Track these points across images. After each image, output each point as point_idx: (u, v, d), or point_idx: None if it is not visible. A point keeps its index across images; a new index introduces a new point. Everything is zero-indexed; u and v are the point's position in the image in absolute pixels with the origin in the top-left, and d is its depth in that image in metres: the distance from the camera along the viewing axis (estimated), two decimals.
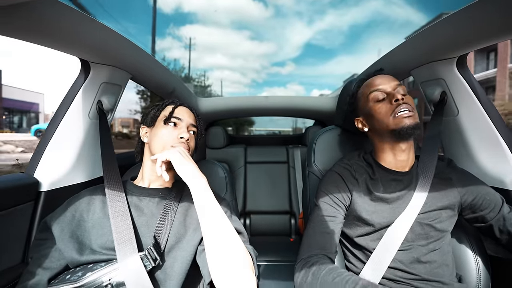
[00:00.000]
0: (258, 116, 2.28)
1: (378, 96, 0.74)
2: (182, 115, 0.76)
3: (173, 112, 0.75)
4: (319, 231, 0.71)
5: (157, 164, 0.66)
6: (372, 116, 0.75)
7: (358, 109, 0.82)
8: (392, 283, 0.69)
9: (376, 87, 0.75)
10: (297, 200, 2.00)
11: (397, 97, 0.70)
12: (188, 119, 0.77)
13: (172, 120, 0.74)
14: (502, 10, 0.58)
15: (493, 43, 0.72)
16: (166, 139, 0.72)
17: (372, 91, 0.76)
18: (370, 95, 0.76)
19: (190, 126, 0.77)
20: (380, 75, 0.79)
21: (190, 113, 0.79)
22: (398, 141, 0.72)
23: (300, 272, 0.65)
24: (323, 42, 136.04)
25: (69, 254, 0.60)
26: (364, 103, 0.78)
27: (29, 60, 15.13)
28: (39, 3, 0.52)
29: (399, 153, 0.75)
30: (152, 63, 1.05)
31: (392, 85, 0.74)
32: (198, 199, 0.62)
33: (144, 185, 0.74)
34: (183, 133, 0.73)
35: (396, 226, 0.69)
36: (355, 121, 0.83)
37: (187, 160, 0.66)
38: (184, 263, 0.64)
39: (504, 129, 0.84)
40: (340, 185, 0.77)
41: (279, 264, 1.45)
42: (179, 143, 0.72)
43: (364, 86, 0.80)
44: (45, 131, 0.87)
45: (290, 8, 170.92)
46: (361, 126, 0.81)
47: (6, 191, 0.70)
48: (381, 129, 0.73)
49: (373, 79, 0.78)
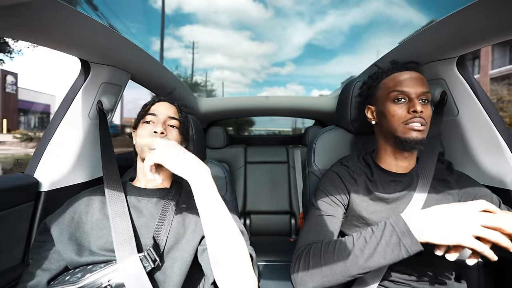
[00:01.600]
0: (258, 116, 2.28)
1: (399, 98, 0.70)
2: (157, 110, 0.73)
3: (148, 110, 0.73)
4: (315, 230, 0.70)
5: (146, 170, 0.60)
6: (385, 114, 0.72)
7: (374, 98, 0.77)
8: (392, 284, 0.69)
9: (401, 88, 0.69)
10: (297, 200, 2.00)
11: (415, 109, 0.66)
12: (166, 112, 0.73)
13: (147, 118, 0.72)
14: (502, 10, 0.58)
15: (493, 43, 0.72)
16: (142, 138, 0.70)
17: (395, 90, 0.70)
18: (392, 93, 0.70)
19: (168, 119, 0.73)
20: (411, 72, 0.71)
21: (169, 106, 0.76)
22: (400, 149, 0.72)
23: (297, 262, 0.63)
24: (324, 43, 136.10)
25: (68, 256, 0.60)
26: (383, 97, 0.73)
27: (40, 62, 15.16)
28: (39, 3, 0.52)
29: (400, 158, 0.75)
30: (152, 63, 1.05)
31: (418, 92, 0.68)
32: (199, 192, 0.57)
33: (141, 186, 0.74)
34: (156, 127, 0.69)
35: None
36: (366, 108, 0.80)
37: (177, 153, 0.59)
38: (183, 263, 0.63)
39: (504, 129, 0.84)
40: (338, 184, 0.76)
41: (279, 264, 1.44)
42: (152, 138, 0.68)
43: (390, 80, 0.73)
44: (45, 131, 0.87)
45: (291, 9, 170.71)
46: (370, 116, 0.78)
47: (6, 191, 0.70)
48: (388, 130, 0.72)
49: (402, 76, 0.71)
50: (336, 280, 0.58)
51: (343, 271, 0.57)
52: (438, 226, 0.53)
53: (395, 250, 0.54)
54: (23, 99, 13.78)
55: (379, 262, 0.55)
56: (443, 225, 0.52)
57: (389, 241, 0.55)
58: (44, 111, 14.74)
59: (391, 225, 0.56)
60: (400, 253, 0.54)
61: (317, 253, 0.61)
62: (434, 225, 0.53)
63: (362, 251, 0.57)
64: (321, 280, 0.59)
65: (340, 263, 0.57)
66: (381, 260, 0.55)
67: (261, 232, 1.96)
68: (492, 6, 0.58)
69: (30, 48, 5.54)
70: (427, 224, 0.53)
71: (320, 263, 0.59)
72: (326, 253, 0.60)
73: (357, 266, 0.56)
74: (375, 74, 0.78)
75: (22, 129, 12.26)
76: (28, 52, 6.28)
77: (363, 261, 0.56)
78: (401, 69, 0.72)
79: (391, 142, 0.74)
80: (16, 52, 6.15)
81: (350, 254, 0.57)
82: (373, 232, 0.58)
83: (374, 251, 0.55)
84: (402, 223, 0.55)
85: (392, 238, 0.55)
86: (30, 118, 13.89)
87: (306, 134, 2.18)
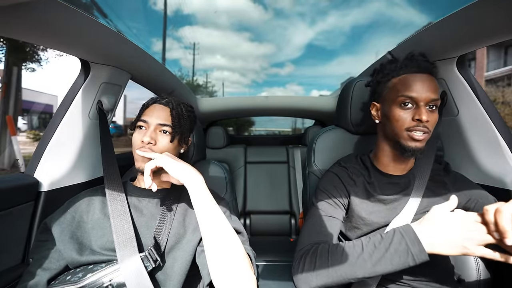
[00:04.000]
0: (258, 116, 2.28)
1: (406, 103, 0.67)
2: (149, 116, 0.70)
3: (141, 115, 0.71)
4: (316, 230, 0.70)
5: (145, 174, 0.62)
6: (389, 117, 0.70)
7: (382, 96, 0.74)
8: (392, 284, 0.69)
9: (410, 94, 0.66)
10: (297, 200, 2.00)
11: (421, 118, 0.64)
12: (156, 119, 0.69)
13: (138, 124, 0.70)
14: (501, 10, 0.58)
15: (494, 43, 0.72)
16: (134, 145, 0.69)
17: (404, 95, 0.67)
18: (400, 98, 0.67)
19: (158, 126, 0.69)
20: (423, 75, 0.67)
21: (162, 110, 0.71)
22: (399, 152, 0.71)
23: (301, 261, 0.64)
24: (325, 43, 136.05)
25: (69, 255, 0.60)
26: (390, 98, 0.70)
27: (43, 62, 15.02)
28: (39, 3, 0.52)
29: (398, 160, 0.75)
30: (152, 63, 1.05)
31: (427, 99, 0.65)
32: (196, 198, 0.61)
33: (142, 187, 0.74)
34: (145, 136, 0.67)
35: (393, 226, 0.69)
36: (372, 104, 0.78)
37: (177, 160, 0.64)
38: (184, 263, 0.64)
39: (504, 129, 0.84)
40: (338, 185, 0.76)
41: (279, 264, 1.44)
42: (140, 148, 0.67)
43: (400, 81, 0.69)
44: (45, 131, 0.87)
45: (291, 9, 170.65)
46: (374, 113, 0.77)
47: (6, 191, 0.70)
48: (391, 133, 0.71)
49: (413, 81, 0.67)
50: (341, 281, 0.59)
51: (350, 273, 0.58)
52: (447, 239, 0.54)
53: (402, 257, 0.55)
54: (25, 99, 13.83)
55: (386, 268, 0.56)
56: (452, 238, 0.53)
57: (398, 248, 0.56)
58: (46, 111, 14.75)
59: (400, 233, 0.57)
60: (407, 261, 0.55)
61: (324, 254, 0.62)
62: (443, 238, 0.54)
63: (370, 256, 0.58)
64: (326, 280, 0.60)
65: (348, 266, 0.58)
66: (388, 266, 0.56)
67: (261, 232, 1.96)
68: (492, 6, 0.58)
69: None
70: (436, 237, 0.55)
71: (327, 264, 0.60)
72: (334, 254, 0.61)
73: (365, 270, 0.57)
74: (385, 69, 0.73)
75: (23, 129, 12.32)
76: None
77: (370, 266, 0.57)
78: (414, 70, 0.68)
79: (391, 144, 0.74)
80: None
81: (359, 258, 0.58)
82: (382, 238, 0.59)
83: (382, 256, 0.57)
84: (412, 232, 0.56)
85: (401, 245, 0.56)
86: (32, 118, 13.93)
87: (306, 134, 2.18)
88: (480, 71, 13.19)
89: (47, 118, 14.05)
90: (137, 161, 0.69)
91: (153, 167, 0.62)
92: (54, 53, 6.17)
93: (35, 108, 14.00)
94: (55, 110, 1.25)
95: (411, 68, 0.68)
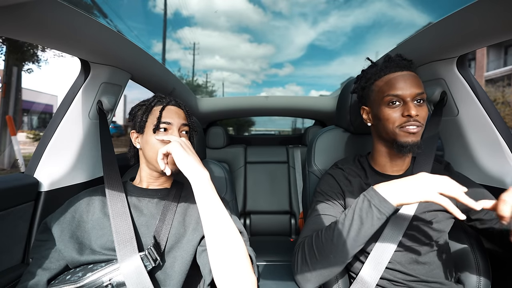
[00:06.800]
0: (258, 116, 2.28)
1: (393, 102, 0.68)
2: (171, 118, 0.71)
3: (161, 117, 0.70)
4: (312, 228, 0.71)
5: (158, 157, 0.64)
6: (380, 118, 0.71)
7: (369, 100, 0.75)
8: (391, 284, 0.69)
9: (395, 92, 0.67)
10: (297, 200, 2.00)
11: (410, 113, 0.66)
12: (178, 119, 0.71)
13: (162, 127, 0.70)
14: (501, 10, 0.58)
15: (494, 43, 0.72)
16: (158, 148, 0.67)
17: (389, 95, 0.68)
18: (386, 98, 0.69)
19: (181, 126, 0.72)
20: (404, 72, 0.69)
21: (179, 111, 0.74)
22: (396, 151, 0.72)
23: (298, 255, 0.67)
24: (326, 43, 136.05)
25: (69, 255, 0.60)
26: (377, 100, 0.72)
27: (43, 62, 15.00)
28: (39, 3, 0.52)
29: (395, 159, 0.75)
30: (152, 63, 1.05)
31: (412, 94, 0.67)
32: (199, 194, 0.59)
33: (143, 187, 0.74)
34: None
35: (392, 226, 0.69)
36: (361, 109, 0.79)
37: (188, 153, 0.63)
38: (184, 263, 0.64)
39: (504, 129, 0.84)
40: (334, 186, 0.78)
41: (279, 264, 1.44)
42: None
43: (383, 82, 0.71)
44: (45, 131, 0.87)
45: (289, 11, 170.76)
46: (365, 117, 0.78)
47: (6, 191, 0.70)
48: (384, 133, 0.72)
49: (395, 78, 0.69)
50: (334, 264, 0.62)
51: (334, 250, 0.61)
52: (406, 188, 0.58)
53: (368, 213, 0.59)
54: (25, 99, 13.83)
55: (358, 228, 0.60)
56: (410, 187, 0.58)
57: (362, 207, 0.61)
58: (46, 111, 14.74)
59: (363, 194, 0.63)
60: (374, 214, 0.59)
61: (310, 249, 0.65)
62: (402, 188, 0.59)
63: (343, 224, 0.62)
64: (324, 278, 0.63)
65: (329, 245, 0.62)
66: (359, 225, 0.60)
67: (261, 232, 1.96)
68: (492, 6, 0.59)
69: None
70: (396, 189, 0.59)
71: (315, 256, 0.63)
72: (319, 247, 0.63)
73: (342, 240, 0.60)
74: (367, 73, 0.77)
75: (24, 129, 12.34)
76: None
77: (346, 233, 0.60)
78: (394, 69, 0.70)
79: (386, 144, 0.74)
80: None
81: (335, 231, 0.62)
82: (349, 207, 0.64)
83: (352, 220, 0.61)
84: (371, 189, 0.62)
85: (364, 203, 0.61)
86: (32, 118, 13.92)
87: (306, 134, 2.18)
88: (480, 71, 13.28)
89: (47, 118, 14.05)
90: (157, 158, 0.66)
91: (165, 151, 0.63)
92: (54, 53, 6.19)
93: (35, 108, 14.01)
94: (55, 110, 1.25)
95: (391, 68, 0.71)
